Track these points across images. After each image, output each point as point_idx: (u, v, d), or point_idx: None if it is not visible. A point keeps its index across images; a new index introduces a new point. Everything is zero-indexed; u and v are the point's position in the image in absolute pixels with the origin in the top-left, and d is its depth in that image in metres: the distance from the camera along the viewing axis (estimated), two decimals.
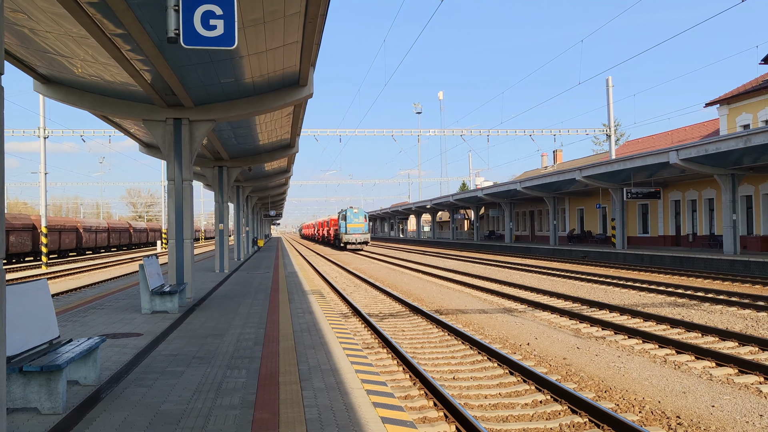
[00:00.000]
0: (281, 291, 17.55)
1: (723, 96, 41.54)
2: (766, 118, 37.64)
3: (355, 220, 62.29)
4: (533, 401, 8.42)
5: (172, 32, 6.90)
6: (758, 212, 34.87)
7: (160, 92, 13.85)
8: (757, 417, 7.54)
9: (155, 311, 13.11)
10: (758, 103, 38.45)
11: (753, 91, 38.80)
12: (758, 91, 38.32)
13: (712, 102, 42.24)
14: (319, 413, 5.97)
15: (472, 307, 17.81)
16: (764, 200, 34.62)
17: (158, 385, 7.15)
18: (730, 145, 27.19)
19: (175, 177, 14.87)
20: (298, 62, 13.13)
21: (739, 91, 40.79)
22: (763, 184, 34.17)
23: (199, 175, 34.30)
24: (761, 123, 37.73)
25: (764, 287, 21.38)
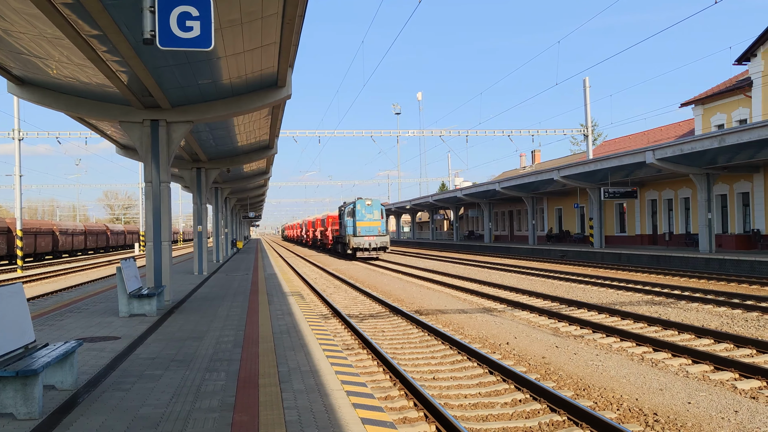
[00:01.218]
0: (261, 293, 17.48)
1: (698, 96, 42.07)
2: (739, 118, 38.17)
3: (368, 216, 44.34)
4: (512, 400, 8.47)
5: (147, 33, 6.85)
6: (733, 211, 35.35)
7: (136, 93, 13.74)
8: (732, 413, 7.65)
9: (133, 314, 13.00)
10: (732, 103, 39.00)
11: (727, 92, 39.33)
12: (732, 91, 38.86)
13: (687, 102, 42.76)
14: (299, 415, 5.96)
15: (452, 307, 17.87)
16: (738, 199, 35.10)
17: (136, 388, 7.09)
18: (705, 144, 27.54)
19: (153, 179, 14.75)
20: (276, 63, 13.09)
21: (713, 92, 41.33)
22: (738, 183, 34.65)
23: (177, 177, 34.04)
24: (735, 123, 38.26)
25: (739, 285, 21.68)
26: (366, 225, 44.30)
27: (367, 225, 44.32)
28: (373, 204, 45.40)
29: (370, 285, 25.30)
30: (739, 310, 15.68)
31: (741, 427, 7.16)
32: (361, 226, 44.22)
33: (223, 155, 25.92)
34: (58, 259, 58.30)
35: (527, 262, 37.41)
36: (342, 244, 48.02)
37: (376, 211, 45.01)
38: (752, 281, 21.86)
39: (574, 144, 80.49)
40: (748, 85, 37.25)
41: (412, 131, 51.13)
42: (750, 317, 14.59)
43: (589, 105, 44.40)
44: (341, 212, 49.05)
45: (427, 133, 50.84)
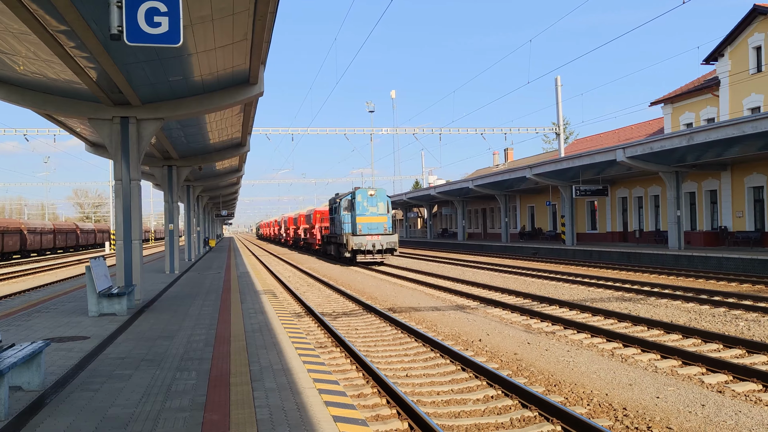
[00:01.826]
0: (233, 291, 17.37)
1: (667, 95, 42.65)
2: (707, 117, 38.78)
3: (371, 210, 35.43)
4: (485, 396, 8.52)
5: (115, 29, 6.76)
6: (701, 208, 35.90)
7: (106, 90, 13.55)
8: (699, 407, 7.77)
9: (103, 314, 12.84)
10: (700, 102, 39.60)
11: (695, 91, 39.93)
12: (700, 90, 39.46)
13: (657, 101, 43.33)
14: (270, 413, 5.93)
15: (426, 304, 17.91)
16: (707, 197, 35.66)
17: (105, 389, 7.00)
18: (674, 143, 27.94)
19: (123, 177, 14.57)
20: (248, 60, 12.99)
21: (682, 91, 41.93)
22: (706, 181, 35.20)
23: (147, 175, 33.69)
24: (703, 122, 38.86)
25: (707, 281, 22.04)
26: (369, 221, 35.27)
27: (369, 221, 35.27)
28: (378, 194, 35.86)
29: (343, 283, 25.26)
30: (707, 305, 15.93)
31: (707, 420, 7.28)
32: (362, 223, 35.04)
33: (194, 153, 25.69)
34: (26, 258, 57.34)
35: (500, 260, 37.65)
36: (336, 245, 38.85)
37: (381, 203, 35.72)
38: (720, 277, 22.23)
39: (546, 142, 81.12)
40: (716, 85, 37.86)
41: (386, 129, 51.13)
42: (717, 313, 14.84)
43: (561, 103, 44.80)
44: (334, 206, 40.36)
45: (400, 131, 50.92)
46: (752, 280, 20.93)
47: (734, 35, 36.13)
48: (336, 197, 40.81)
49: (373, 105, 59.14)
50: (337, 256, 38.45)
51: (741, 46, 35.98)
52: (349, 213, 36.04)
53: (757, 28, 34.76)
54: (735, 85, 36.12)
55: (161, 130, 18.95)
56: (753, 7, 34.65)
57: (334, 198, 41.32)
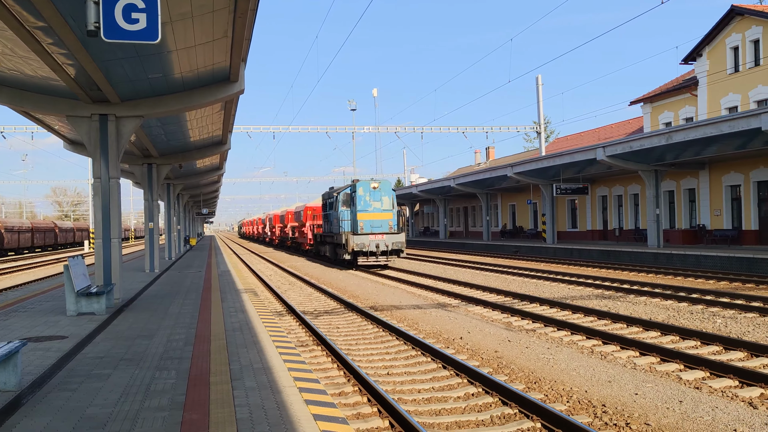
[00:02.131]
0: (213, 290, 17.28)
1: (646, 95, 43.02)
2: (686, 116, 39.17)
3: (374, 205, 30.87)
4: (465, 394, 8.55)
5: (92, 25, 6.69)
6: (680, 207, 36.27)
7: (84, 87, 13.41)
8: (677, 403, 7.85)
9: (81, 313, 12.71)
10: (679, 101, 39.98)
11: (674, 90, 40.31)
12: (679, 90, 39.84)
13: (637, 100, 43.69)
14: (250, 412, 5.91)
15: (407, 303, 17.94)
16: (685, 195, 36.02)
17: (83, 388, 6.94)
18: (653, 142, 28.20)
19: (102, 175, 14.43)
20: (229, 58, 12.92)
21: (661, 90, 42.32)
22: (685, 180, 35.56)
23: (127, 173, 33.43)
24: (682, 121, 39.25)
25: (685, 279, 22.27)
26: (371, 218, 30.57)
27: (372, 218, 30.59)
28: (382, 187, 31.27)
29: (325, 282, 25.23)
30: (685, 303, 16.10)
31: (685, 416, 7.35)
32: (364, 220, 30.43)
33: (175, 151, 25.51)
34: (3, 257, 56.65)
35: (481, 258, 37.78)
36: (332, 246, 34.54)
37: (385, 197, 31.14)
38: (698, 275, 22.48)
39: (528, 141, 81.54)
40: (694, 84, 38.25)
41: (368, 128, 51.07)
42: (695, 310, 15.00)
43: (542, 102, 44.99)
44: (329, 201, 35.93)
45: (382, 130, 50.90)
46: (729, 277, 21.19)
47: (712, 35, 36.52)
48: (331, 191, 36.31)
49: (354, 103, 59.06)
50: (333, 258, 34.26)
51: (719, 46, 36.38)
52: (348, 209, 31.57)
53: (735, 29, 35.16)
54: (713, 84, 36.52)
55: (141, 127, 18.79)
56: (731, 8, 35.05)
57: (329, 192, 36.60)
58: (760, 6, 35.68)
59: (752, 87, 34.09)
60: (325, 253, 37.25)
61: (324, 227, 37.72)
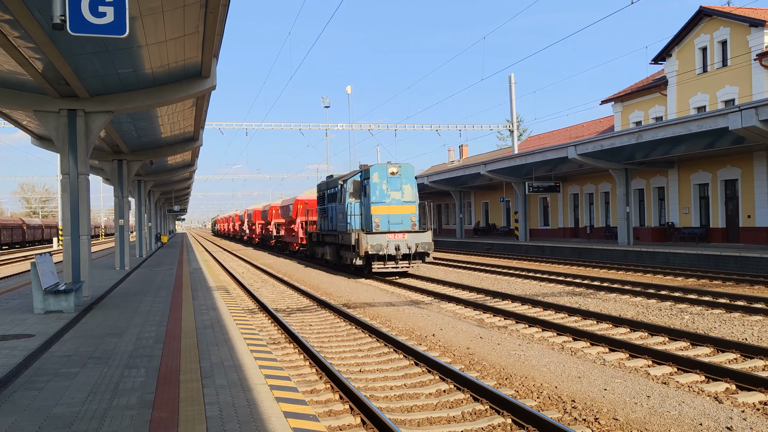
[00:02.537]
0: (185, 287, 17.13)
1: (617, 94, 43.51)
2: (656, 116, 39.69)
3: (393, 196, 24.67)
4: (437, 390, 8.58)
5: (57, 18, 6.58)
6: (650, 205, 36.76)
7: (52, 82, 13.20)
8: (645, 398, 7.96)
9: (49, 311, 12.53)
10: (649, 101, 40.50)
11: (644, 90, 40.82)
12: (649, 89, 40.36)
13: (607, 99, 44.17)
14: (220, 410, 5.87)
15: (380, 300, 17.94)
16: (655, 193, 36.52)
17: (50, 387, 6.83)
18: (624, 141, 28.54)
19: (70, 171, 14.23)
20: (200, 53, 12.81)
21: (631, 90, 42.83)
22: (654, 178, 36.04)
23: (97, 169, 32.96)
24: (652, 120, 39.77)
25: (654, 276, 22.58)
26: (389, 212, 24.26)
27: (391, 212, 24.27)
28: (403, 173, 24.60)
29: (298, 279, 25.13)
30: (654, 300, 16.32)
31: (653, 411, 7.46)
32: (380, 215, 24.23)
33: (146, 147, 25.23)
34: None
35: (454, 255, 37.92)
36: (334, 247, 27.89)
37: (407, 186, 24.63)
38: (667, 272, 22.81)
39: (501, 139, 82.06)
40: (664, 84, 38.77)
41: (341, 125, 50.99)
42: (664, 306, 15.21)
43: (515, 101, 45.31)
44: (329, 192, 29.65)
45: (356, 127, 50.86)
46: (697, 274, 21.53)
47: (681, 36, 37.04)
48: (331, 180, 29.73)
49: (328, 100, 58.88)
50: (336, 261, 27.55)
51: (688, 46, 36.91)
52: (358, 201, 25.44)
53: (704, 30, 35.70)
54: (682, 84, 37.05)
55: (111, 123, 18.55)
56: (699, 9, 35.58)
57: (329, 181, 30.19)
58: (728, 7, 36.29)
59: (720, 87, 34.66)
60: (323, 255, 30.26)
61: (321, 224, 31.26)
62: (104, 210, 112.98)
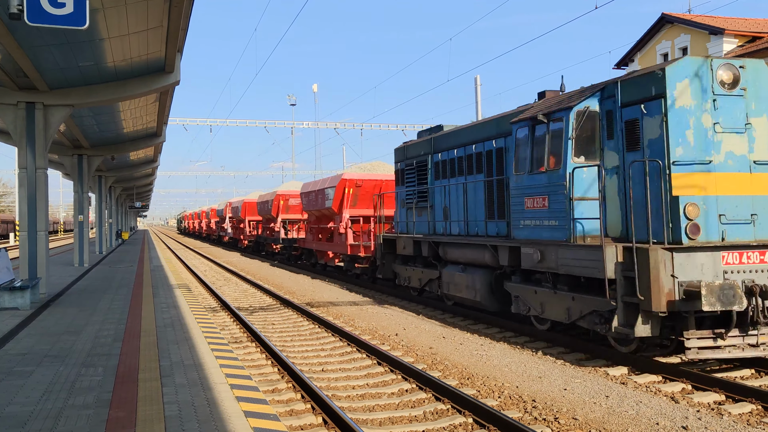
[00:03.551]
0: (145, 285, 16.88)
1: None
2: None
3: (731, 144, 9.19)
4: (399, 390, 8.59)
5: (14, 8, 6.43)
6: None
7: (10, 74, 12.90)
8: (603, 398, 8.07)
9: (4, 308, 12.24)
10: None
11: None
12: None
13: None
14: (179, 409, 5.79)
15: (344, 299, 17.91)
16: None
17: (3, 386, 6.67)
18: None
19: (28, 165, 13.92)
20: (164, 48, 12.64)
21: None
22: None
23: (56, 164, 32.32)
24: None
25: None
26: (730, 187, 9.31)
27: (736, 187, 9.33)
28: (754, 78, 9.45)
29: (261, 278, 24.96)
30: None
31: (611, 410, 7.56)
32: (704, 199, 9.17)
33: (107, 142, 24.81)
34: None
35: None
36: (483, 276, 13.15)
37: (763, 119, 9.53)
38: None
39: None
40: None
41: (307, 123, 50.75)
42: None
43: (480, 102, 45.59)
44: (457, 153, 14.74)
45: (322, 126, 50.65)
46: None
47: (644, 42, 37.70)
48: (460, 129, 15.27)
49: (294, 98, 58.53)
50: (492, 307, 13.18)
51: (650, 52, 37.57)
52: (595, 163, 10.16)
53: (665, 36, 36.38)
54: None
55: (71, 117, 18.19)
56: (661, 16, 36.26)
57: (451, 132, 15.61)
58: (689, 15, 37.05)
59: None
60: (417, 285, 16.51)
61: (416, 222, 16.90)
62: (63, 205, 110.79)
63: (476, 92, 45.81)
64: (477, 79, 45.84)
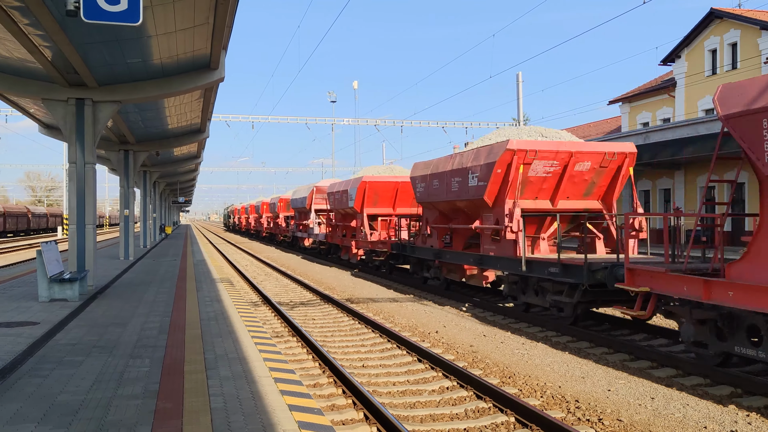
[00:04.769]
0: (189, 279, 17.14)
1: (625, 95, 43.38)
2: (663, 117, 39.56)
3: None
4: (440, 387, 8.57)
5: (71, 5, 6.58)
6: (655, 206, 36.66)
7: (61, 70, 13.20)
8: (649, 400, 7.94)
9: (54, 299, 12.55)
10: (657, 102, 40.36)
11: (652, 91, 40.68)
12: (657, 91, 40.22)
13: (615, 100, 44.03)
14: (224, 402, 5.87)
15: (383, 296, 17.94)
16: (660, 195, 36.41)
17: (55, 375, 6.84)
18: (630, 141, 28.45)
19: (77, 160, 14.24)
20: (209, 45, 12.79)
21: (639, 90, 42.68)
22: (660, 180, 35.94)
23: (103, 159, 33.02)
24: (659, 121, 39.64)
25: None
26: None
27: None
28: None
29: (301, 273, 25.14)
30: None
31: (657, 413, 7.44)
32: None
33: (152, 138, 25.23)
34: None
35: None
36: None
37: None
38: None
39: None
40: (672, 86, 38.64)
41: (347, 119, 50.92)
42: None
43: (522, 99, 45.21)
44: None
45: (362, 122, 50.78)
46: None
47: (691, 37, 36.90)
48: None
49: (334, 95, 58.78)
50: None
51: (697, 48, 36.76)
52: None
53: (714, 31, 35.56)
54: (691, 86, 36.92)
55: (118, 113, 18.56)
56: (710, 11, 35.43)
57: None
58: (739, 10, 36.11)
59: None
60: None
61: None
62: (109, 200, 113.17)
63: (518, 89, 45.40)
64: (519, 75, 45.39)
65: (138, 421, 5.34)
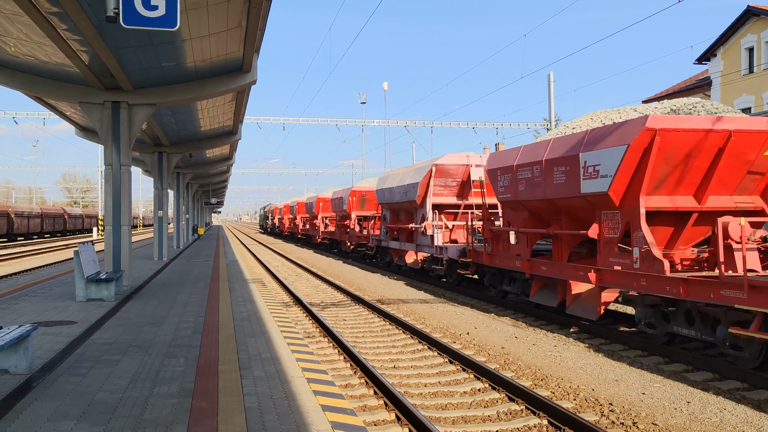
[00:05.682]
0: (221, 279, 17.33)
1: (659, 94, 42.79)
2: None
3: None
4: (472, 389, 8.55)
5: (111, 11, 6.71)
6: None
7: (97, 74, 13.45)
8: (684, 403, 7.83)
9: (90, 299, 12.78)
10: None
11: (687, 90, 40.06)
12: (692, 90, 39.59)
13: (649, 99, 43.45)
14: (258, 402, 5.93)
15: (414, 297, 17.94)
16: None
17: (93, 373, 6.98)
18: None
19: (113, 162, 14.49)
20: (242, 48, 12.93)
21: (674, 90, 42.07)
22: None
23: (138, 161, 33.54)
24: None
25: None
26: None
27: None
28: None
29: (332, 274, 25.24)
30: None
31: (692, 417, 7.33)
32: None
33: (185, 140, 25.57)
34: (13, 242, 56.97)
35: None
36: None
37: None
38: None
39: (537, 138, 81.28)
40: (708, 85, 38.01)
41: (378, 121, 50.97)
42: None
43: (553, 99, 44.85)
44: None
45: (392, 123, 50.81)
46: None
47: (727, 36, 36.26)
48: None
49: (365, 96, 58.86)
50: None
51: (733, 46, 36.12)
52: None
53: (750, 29, 34.90)
54: (727, 85, 36.28)
55: (152, 116, 18.84)
56: (747, 8, 34.78)
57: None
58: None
59: (767, 88, 33.86)
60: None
61: None
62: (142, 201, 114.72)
63: (549, 89, 45.08)
64: (550, 75, 45.11)
65: (174, 419, 5.43)
